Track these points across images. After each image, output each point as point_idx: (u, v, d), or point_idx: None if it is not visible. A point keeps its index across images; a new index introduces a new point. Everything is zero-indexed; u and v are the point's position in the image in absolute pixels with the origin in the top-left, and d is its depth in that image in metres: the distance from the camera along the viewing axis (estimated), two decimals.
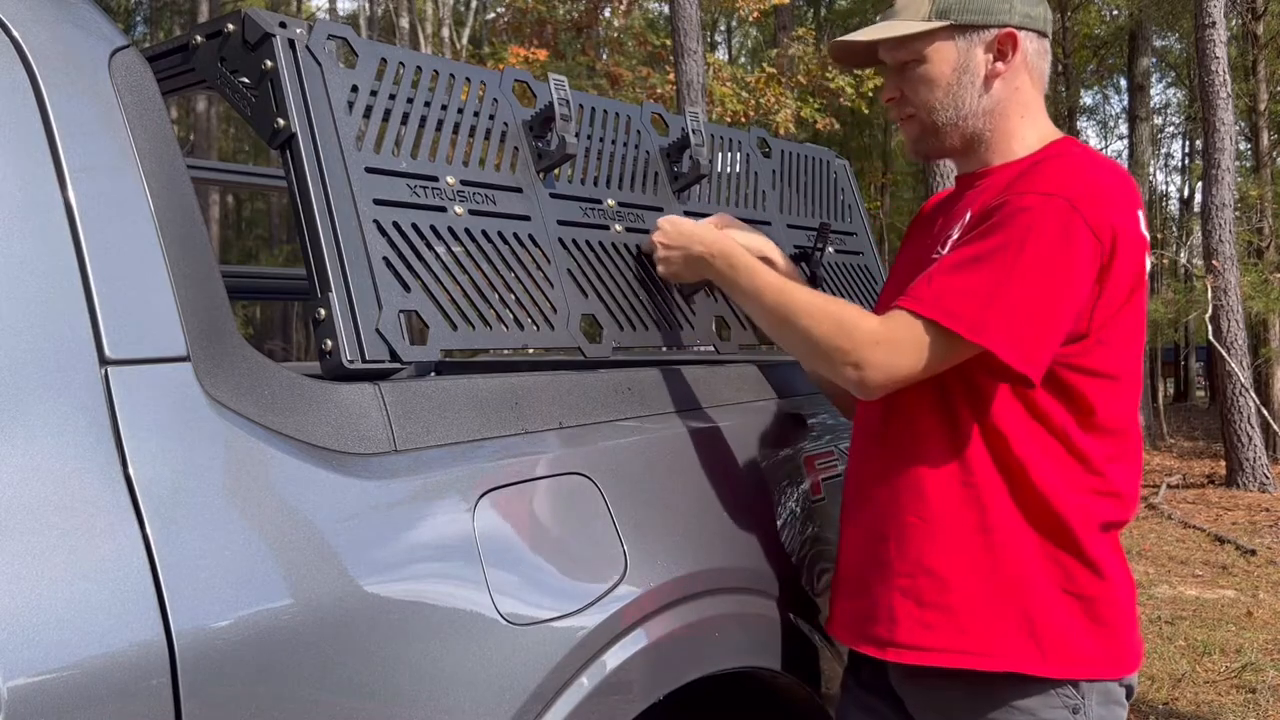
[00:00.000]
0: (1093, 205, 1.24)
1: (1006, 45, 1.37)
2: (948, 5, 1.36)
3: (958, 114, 1.39)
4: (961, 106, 1.39)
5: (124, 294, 0.92)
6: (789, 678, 1.51)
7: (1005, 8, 1.36)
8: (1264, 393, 13.25)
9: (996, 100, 1.39)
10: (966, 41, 1.37)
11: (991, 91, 1.38)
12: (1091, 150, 1.38)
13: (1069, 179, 1.27)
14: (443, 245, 1.30)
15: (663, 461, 1.38)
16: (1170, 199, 30.08)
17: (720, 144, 1.87)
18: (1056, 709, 1.30)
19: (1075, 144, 1.40)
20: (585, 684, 1.15)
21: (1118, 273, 1.27)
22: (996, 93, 1.38)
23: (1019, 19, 1.37)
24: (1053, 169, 1.29)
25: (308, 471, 0.99)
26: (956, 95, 1.38)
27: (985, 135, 1.41)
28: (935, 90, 1.39)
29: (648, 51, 14.53)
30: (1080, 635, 1.31)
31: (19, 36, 0.92)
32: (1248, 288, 10.64)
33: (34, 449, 0.83)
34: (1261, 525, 7.53)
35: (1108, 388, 1.32)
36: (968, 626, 1.31)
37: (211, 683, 0.86)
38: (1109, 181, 1.29)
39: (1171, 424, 17.25)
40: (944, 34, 1.37)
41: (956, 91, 1.38)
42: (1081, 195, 1.24)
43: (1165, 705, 3.77)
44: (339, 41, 1.28)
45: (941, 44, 1.38)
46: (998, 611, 1.31)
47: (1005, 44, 1.37)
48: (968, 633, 1.31)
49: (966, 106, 1.39)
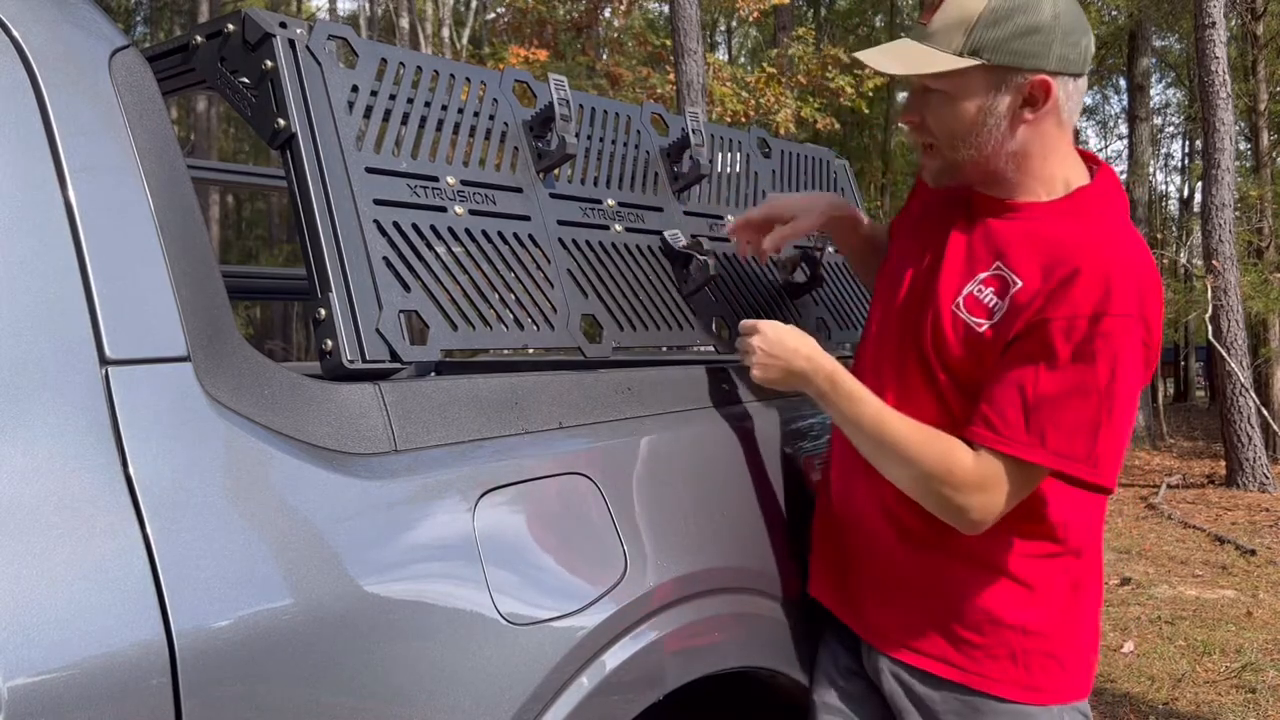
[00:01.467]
0: (1155, 318, 1.26)
1: (1039, 92, 1.30)
2: (983, 43, 1.28)
3: (980, 154, 1.34)
4: (984, 147, 1.34)
5: (124, 294, 0.92)
6: (789, 678, 1.51)
7: (1044, 52, 1.28)
8: (1264, 393, 13.24)
9: (1021, 144, 1.33)
10: (997, 84, 1.30)
11: (1017, 136, 1.33)
12: (1120, 208, 1.35)
13: (1130, 290, 1.24)
14: (443, 245, 1.30)
15: (662, 461, 1.38)
16: (1170, 199, 30.10)
17: (720, 144, 1.87)
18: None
19: (1105, 189, 1.36)
20: (585, 684, 1.15)
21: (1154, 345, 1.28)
22: (1021, 136, 1.33)
23: (1056, 64, 1.29)
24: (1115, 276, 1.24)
25: (308, 471, 0.99)
26: (979, 135, 1.33)
27: (1008, 174, 1.36)
28: (958, 126, 1.33)
29: (648, 51, 14.52)
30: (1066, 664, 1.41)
31: (19, 36, 0.92)
32: (1248, 288, 10.64)
33: (34, 449, 0.83)
34: (1261, 525, 7.53)
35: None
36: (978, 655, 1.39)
37: (211, 683, 0.86)
38: (1151, 273, 1.28)
39: (1171, 424, 17.24)
40: (975, 72, 1.30)
41: (980, 132, 1.33)
42: (1137, 307, 1.24)
43: (1165, 705, 3.77)
44: (339, 42, 1.28)
45: (971, 82, 1.31)
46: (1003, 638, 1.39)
47: (1038, 91, 1.30)
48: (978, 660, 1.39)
49: (989, 148, 1.34)
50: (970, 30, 1.28)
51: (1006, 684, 1.38)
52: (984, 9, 1.28)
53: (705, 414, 1.50)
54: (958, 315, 1.34)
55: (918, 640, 1.42)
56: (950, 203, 1.45)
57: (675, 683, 1.28)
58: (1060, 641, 1.40)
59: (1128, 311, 1.23)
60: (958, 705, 1.40)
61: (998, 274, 1.32)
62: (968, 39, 1.29)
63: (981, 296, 1.33)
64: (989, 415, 1.28)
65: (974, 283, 1.34)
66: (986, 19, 1.28)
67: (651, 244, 1.64)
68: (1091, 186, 1.36)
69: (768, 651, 1.48)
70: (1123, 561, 6.38)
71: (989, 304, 1.32)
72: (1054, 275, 1.26)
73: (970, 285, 1.35)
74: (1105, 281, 1.24)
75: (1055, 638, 1.39)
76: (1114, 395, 1.23)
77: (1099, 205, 1.34)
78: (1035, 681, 1.38)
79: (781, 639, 1.51)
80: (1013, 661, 1.38)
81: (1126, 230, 1.32)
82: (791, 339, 1.44)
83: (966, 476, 1.28)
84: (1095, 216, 1.32)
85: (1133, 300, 1.24)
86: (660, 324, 1.58)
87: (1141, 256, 1.29)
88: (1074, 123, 1.37)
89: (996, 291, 1.32)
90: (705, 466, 1.45)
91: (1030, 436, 1.25)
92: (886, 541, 1.44)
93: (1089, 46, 1.34)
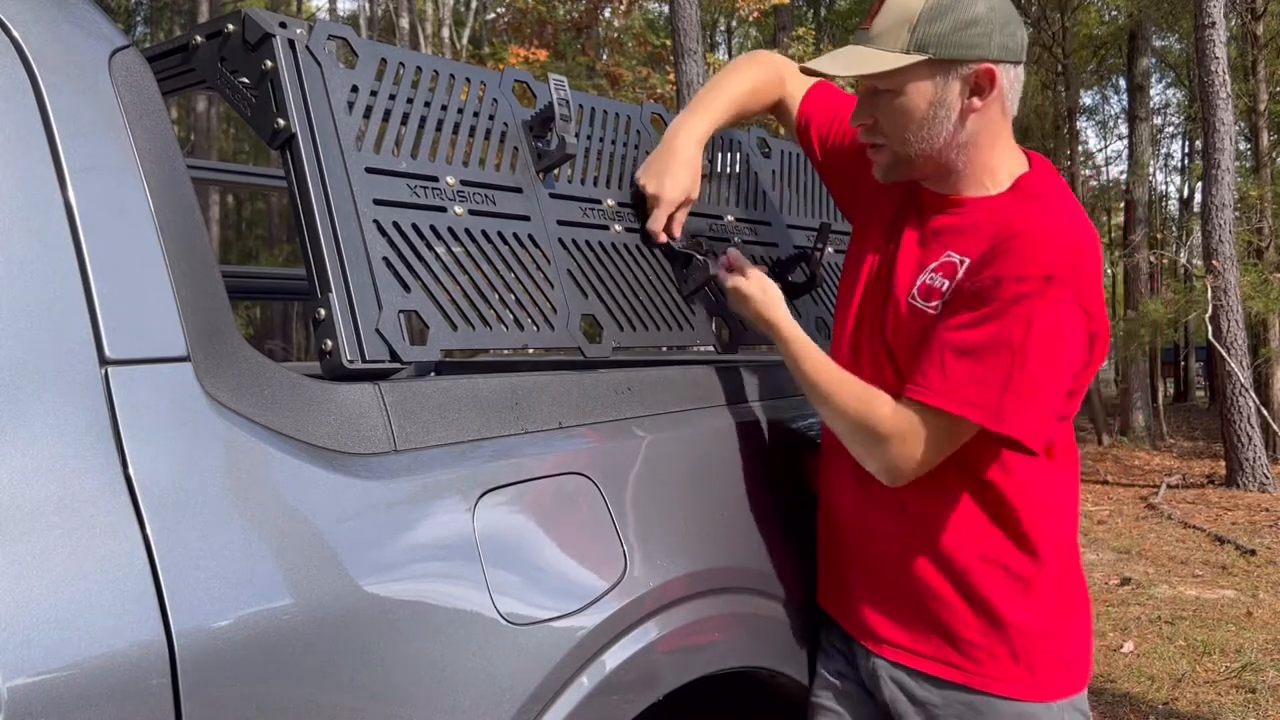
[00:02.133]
0: (1081, 281, 1.28)
1: (984, 81, 1.35)
2: (927, 38, 1.33)
3: (931, 146, 1.39)
4: (935, 140, 1.38)
5: (124, 294, 0.92)
6: (789, 678, 1.51)
7: (985, 42, 1.34)
8: (1264, 393, 13.24)
9: (970, 134, 1.38)
10: (944, 76, 1.35)
11: (966, 125, 1.37)
12: (1062, 191, 1.40)
13: (1058, 254, 1.28)
14: (443, 245, 1.30)
15: (662, 461, 1.38)
16: (1170, 199, 30.06)
17: (720, 144, 1.87)
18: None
19: (1045, 176, 1.41)
20: (585, 684, 1.15)
21: (1101, 329, 1.32)
22: (971, 126, 1.37)
23: (997, 52, 1.35)
24: (1043, 241, 1.29)
25: (308, 471, 0.99)
26: (931, 129, 1.37)
27: (958, 166, 1.41)
28: (910, 123, 1.37)
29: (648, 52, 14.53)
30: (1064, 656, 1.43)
31: (19, 36, 0.92)
32: (1248, 288, 10.63)
33: (34, 449, 0.83)
34: (1261, 525, 7.53)
35: (1067, 426, 1.43)
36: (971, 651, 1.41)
37: (211, 683, 0.86)
38: (1088, 245, 1.32)
39: (1171, 424, 17.25)
40: (922, 67, 1.34)
41: (931, 125, 1.37)
42: (1072, 274, 1.27)
43: (1165, 705, 3.77)
44: (339, 42, 1.28)
45: (918, 78, 1.35)
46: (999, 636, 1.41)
47: (983, 80, 1.35)
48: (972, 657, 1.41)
49: (941, 140, 1.38)
50: (914, 28, 1.33)
51: (1009, 682, 1.38)
52: (924, 7, 1.33)
53: (705, 414, 1.50)
54: (914, 305, 1.40)
55: (917, 643, 1.43)
56: (899, 200, 1.50)
57: (675, 683, 1.28)
58: (1058, 635, 1.41)
59: (1051, 274, 1.26)
60: (961, 709, 1.40)
61: (947, 260, 1.38)
62: (912, 36, 1.34)
63: (933, 283, 1.38)
64: (914, 373, 1.34)
65: (926, 272, 1.40)
66: (927, 15, 1.33)
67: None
68: (1031, 173, 1.42)
69: (768, 651, 1.48)
70: (1123, 561, 6.38)
71: (940, 287, 1.37)
72: (993, 246, 1.32)
73: (923, 275, 1.40)
74: (1035, 245, 1.29)
75: (1053, 632, 1.40)
76: (1027, 351, 1.26)
77: (1040, 188, 1.39)
78: (1038, 678, 1.39)
79: (781, 639, 1.51)
80: (1014, 660, 1.38)
81: (1069, 205, 1.37)
82: (771, 296, 1.52)
83: (884, 424, 1.34)
84: (1038, 196, 1.37)
85: (1060, 264, 1.27)
86: (660, 324, 1.58)
87: (1081, 228, 1.33)
88: (1015, 110, 1.42)
89: (946, 274, 1.37)
90: (705, 466, 1.45)
91: (944, 386, 1.30)
92: (879, 545, 1.45)
93: (1024, 37, 1.40)
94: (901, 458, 1.34)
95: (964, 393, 1.28)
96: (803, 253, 1.91)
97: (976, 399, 1.28)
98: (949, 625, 1.40)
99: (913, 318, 1.39)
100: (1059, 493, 1.42)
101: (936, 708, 1.41)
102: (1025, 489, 1.39)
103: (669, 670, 1.28)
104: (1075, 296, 1.27)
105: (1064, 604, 1.42)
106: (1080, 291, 1.28)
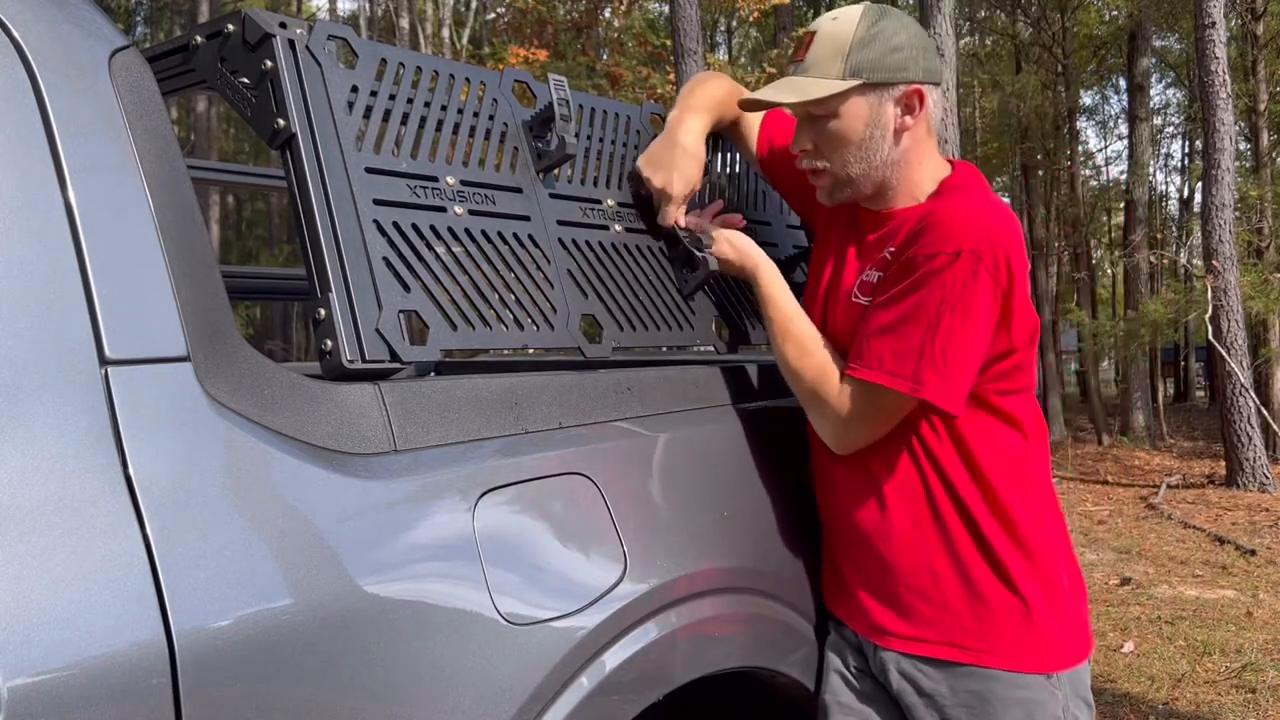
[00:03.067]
0: (993, 253, 1.36)
1: (914, 100, 1.46)
2: (859, 64, 1.44)
3: (869, 166, 1.48)
4: (873, 159, 1.48)
5: (124, 294, 0.92)
6: (789, 678, 1.51)
7: (911, 65, 1.45)
8: (1264, 393, 13.24)
9: (903, 151, 1.49)
10: (878, 98, 1.45)
11: (900, 144, 1.48)
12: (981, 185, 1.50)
13: (967, 231, 1.37)
14: (443, 245, 1.30)
15: (663, 461, 1.38)
16: (1170, 199, 30.05)
17: (720, 144, 1.88)
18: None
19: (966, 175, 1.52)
20: (585, 684, 1.15)
21: (1020, 295, 1.40)
22: (904, 144, 1.48)
23: (922, 74, 1.46)
24: (952, 221, 1.38)
25: (308, 471, 0.99)
26: (868, 149, 1.47)
27: (893, 183, 1.50)
28: (849, 145, 1.47)
29: (648, 52, 14.53)
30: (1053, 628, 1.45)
31: (19, 36, 0.92)
32: (1248, 288, 10.64)
33: (34, 449, 0.83)
34: (1261, 525, 7.53)
35: (1031, 400, 1.50)
36: (966, 624, 1.44)
37: (211, 683, 0.86)
38: (1001, 223, 1.39)
39: (1171, 424, 17.25)
40: (857, 92, 1.45)
41: (869, 145, 1.47)
42: (979, 244, 1.36)
43: (1165, 705, 3.77)
44: (339, 42, 1.28)
45: (855, 101, 1.45)
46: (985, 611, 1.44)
47: (913, 99, 1.46)
48: (968, 630, 1.44)
49: (878, 158, 1.48)
50: (846, 56, 1.45)
51: (1012, 656, 1.41)
52: (854, 37, 1.45)
53: (705, 414, 1.50)
54: (854, 302, 1.50)
55: (920, 630, 1.45)
56: (844, 219, 1.60)
57: (675, 682, 1.28)
58: (1053, 606, 1.44)
59: (959, 249, 1.35)
60: (967, 696, 1.42)
61: (881, 257, 1.48)
62: (846, 63, 1.45)
63: (869, 278, 1.49)
64: (851, 354, 1.45)
65: (864, 272, 1.50)
66: (858, 44, 1.44)
67: (651, 244, 1.64)
68: (953, 175, 1.52)
69: (768, 651, 1.48)
70: (1123, 561, 6.38)
71: (872, 281, 1.48)
72: (913, 231, 1.41)
73: (861, 275, 1.51)
74: (948, 223, 1.38)
75: (1049, 603, 1.44)
76: (938, 321, 1.36)
77: (961, 184, 1.49)
78: (1041, 648, 1.42)
79: (782, 639, 1.51)
80: (1014, 632, 1.42)
81: (987, 196, 1.47)
82: (752, 247, 1.61)
83: (830, 399, 1.45)
84: (958, 189, 1.48)
85: (970, 240, 1.35)
86: (660, 324, 1.58)
87: (996, 211, 1.41)
88: (936, 129, 1.54)
89: (879, 268, 1.47)
90: (705, 466, 1.45)
91: (871, 359, 1.41)
92: (874, 537, 1.48)
93: (940, 64, 1.54)
94: (845, 428, 1.45)
95: (888, 365, 1.39)
96: (803, 253, 1.91)
97: (897, 369, 1.38)
98: (947, 608, 1.43)
99: (852, 311, 1.49)
100: (1033, 466, 1.49)
101: (944, 698, 1.43)
102: (1002, 467, 1.44)
103: (669, 670, 1.28)
104: (985, 268, 1.35)
105: (1055, 575, 1.45)
106: (991, 264, 1.36)
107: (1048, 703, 1.41)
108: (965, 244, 1.35)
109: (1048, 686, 1.42)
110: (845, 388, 1.44)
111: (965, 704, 1.42)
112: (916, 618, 1.45)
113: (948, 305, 1.35)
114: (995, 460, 1.44)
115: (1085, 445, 14.80)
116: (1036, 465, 1.49)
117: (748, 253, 1.59)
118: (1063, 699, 1.42)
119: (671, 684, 1.27)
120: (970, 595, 1.43)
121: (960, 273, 1.35)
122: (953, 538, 1.44)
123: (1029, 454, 1.48)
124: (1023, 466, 1.46)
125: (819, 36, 1.47)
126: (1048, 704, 1.41)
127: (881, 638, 1.48)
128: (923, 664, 1.45)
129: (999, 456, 1.44)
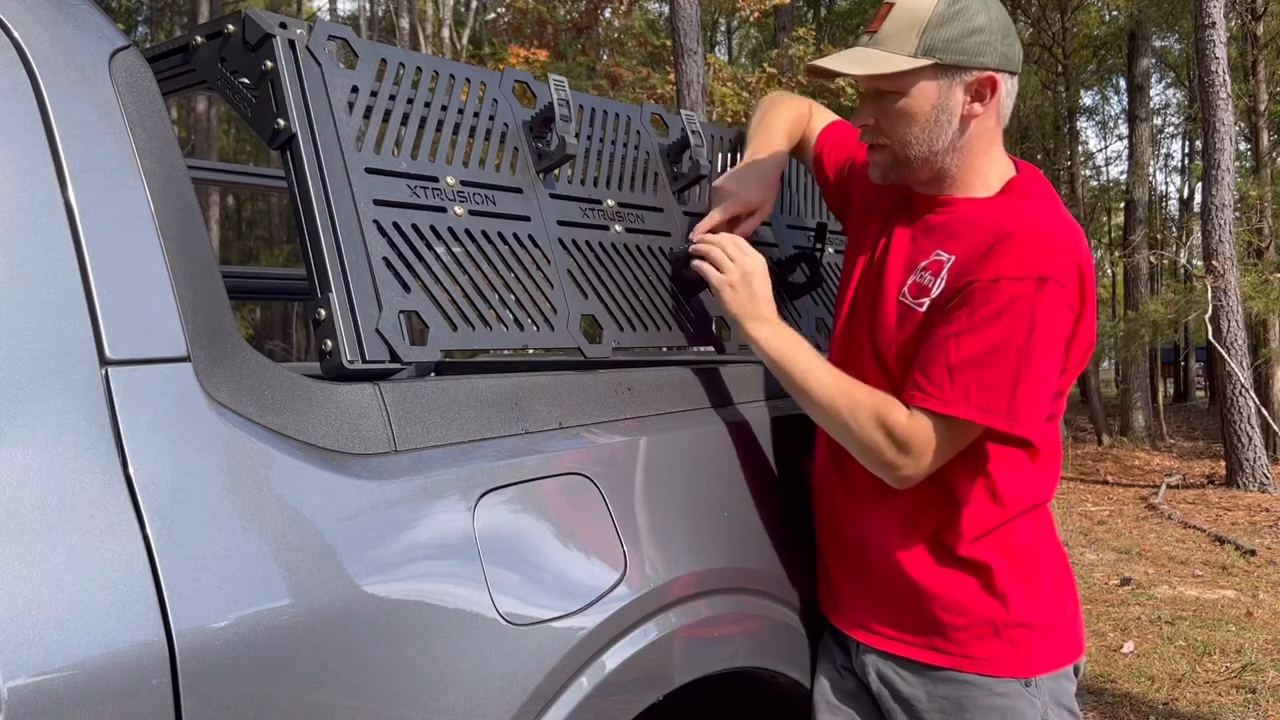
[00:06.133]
0: (1073, 276, 1.32)
1: (985, 88, 1.39)
2: (934, 43, 1.36)
3: (929, 150, 1.42)
4: (935, 144, 1.41)
5: (124, 294, 0.92)
6: (788, 678, 1.51)
7: (988, 50, 1.38)
8: (1264, 393, 13.23)
9: (968, 139, 1.42)
10: (948, 81, 1.38)
11: (966, 132, 1.41)
12: (1051, 195, 1.44)
13: (1049, 255, 1.31)
14: (443, 245, 1.30)
15: (663, 461, 1.38)
16: (1170, 199, 30.03)
17: (721, 144, 1.88)
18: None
19: (1035, 181, 1.45)
20: (585, 684, 1.15)
21: (1088, 319, 1.36)
22: (969, 132, 1.41)
23: (998, 61, 1.39)
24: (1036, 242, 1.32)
25: (308, 471, 0.99)
26: (932, 132, 1.40)
27: (952, 171, 1.44)
28: (913, 126, 1.40)
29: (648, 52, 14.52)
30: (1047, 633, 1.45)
31: (19, 37, 0.93)
32: (1248, 288, 10.63)
33: (34, 449, 0.83)
34: (1261, 525, 7.53)
35: (1055, 427, 1.46)
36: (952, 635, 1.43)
37: (211, 683, 0.86)
38: (1080, 247, 1.35)
39: (1171, 424, 17.25)
40: (927, 72, 1.38)
41: (933, 129, 1.40)
42: (1063, 271, 1.31)
43: (1165, 705, 3.77)
44: (339, 42, 1.28)
45: (924, 82, 1.38)
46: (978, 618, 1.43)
47: (985, 86, 1.39)
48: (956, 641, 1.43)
49: (940, 143, 1.41)
50: (922, 32, 1.37)
51: (994, 662, 1.40)
52: (932, 13, 1.37)
53: (705, 414, 1.50)
54: (903, 304, 1.43)
55: (902, 631, 1.45)
56: (890, 203, 1.53)
57: (675, 683, 1.28)
58: (1040, 611, 1.43)
59: (1046, 275, 1.29)
60: (943, 703, 1.42)
61: (936, 258, 1.41)
62: (920, 41, 1.37)
63: (922, 280, 1.41)
64: (918, 378, 1.35)
65: (916, 271, 1.43)
66: (935, 21, 1.36)
67: (651, 244, 1.64)
68: (1021, 177, 1.45)
69: (768, 651, 1.48)
70: (1123, 561, 6.38)
71: (929, 285, 1.40)
72: (986, 245, 1.34)
73: (913, 275, 1.43)
74: (1031, 245, 1.31)
75: (1035, 608, 1.42)
76: (1032, 353, 1.30)
77: (1031, 190, 1.43)
78: (1020, 655, 1.41)
79: (781, 639, 1.51)
80: (996, 638, 1.40)
81: (1058, 209, 1.40)
82: (764, 298, 1.49)
83: (901, 433, 1.34)
84: (1031, 198, 1.41)
85: (1057, 266, 1.30)
86: (660, 324, 1.58)
87: (1073, 232, 1.36)
88: (1007, 120, 1.47)
89: (934, 272, 1.40)
90: (705, 467, 1.45)
91: (955, 393, 1.31)
92: (859, 536, 1.48)
93: (1020, 50, 1.45)
94: (913, 464, 1.36)
95: (976, 399, 1.31)
96: (803, 253, 1.91)
97: (989, 404, 1.31)
98: (931, 610, 1.42)
99: (902, 315, 1.42)
100: (1040, 485, 1.46)
101: (921, 704, 1.43)
102: (1008, 478, 1.42)
103: (669, 670, 1.28)
104: (1069, 296, 1.31)
105: (1036, 578, 1.44)
106: (1075, 291, 1.32)
107: (1025, 710, 1.40)
108: (1051, 270, 1.30)
109: (1025, 694, 1.40)
110: (917, 422, 1.34)
111: (941, 710, 1.42)
112: (897, 617, 1.45)
113: (1037, 337, 1.30)
114: (1006, 474, 1.41)
115: (1085, 445, 14.80)
116: (1044, 482, 1.46)
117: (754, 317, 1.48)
118: (1041, 707, 1.41)
119: (671, 684, 1.27)
120: (949, 596, 1.42)
121: (1047, 301, 1.29)
122: (940, 540, 1.42)
123: (1041, 473, 1.45)
124: (1025, 489, 1.43)
125: (897, 7, 1.39)
126: (1025, 711, 1.40)
127: (864, 634, 1.48)
128: (901, 668, 1.45)
129: (1010, 482, 1.41)
